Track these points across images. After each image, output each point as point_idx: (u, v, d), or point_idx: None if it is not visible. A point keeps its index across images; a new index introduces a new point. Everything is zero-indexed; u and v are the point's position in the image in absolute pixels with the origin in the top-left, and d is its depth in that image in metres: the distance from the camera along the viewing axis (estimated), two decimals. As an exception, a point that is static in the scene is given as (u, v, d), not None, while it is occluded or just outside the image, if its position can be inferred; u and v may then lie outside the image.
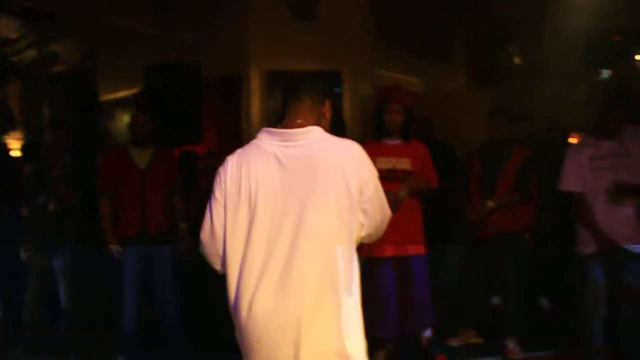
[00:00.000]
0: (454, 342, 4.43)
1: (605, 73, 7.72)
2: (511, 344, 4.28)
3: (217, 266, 2.13)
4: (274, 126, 2.13)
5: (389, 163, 3.96)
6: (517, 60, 7.61)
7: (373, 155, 3.95)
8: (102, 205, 4.47)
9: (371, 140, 4.08)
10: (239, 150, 2.13)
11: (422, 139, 4.19)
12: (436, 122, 5.66)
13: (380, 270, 3.93)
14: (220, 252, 2.07)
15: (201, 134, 5.75)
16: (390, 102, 3.97)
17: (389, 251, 3.92)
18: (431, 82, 7.16)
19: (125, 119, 8.03)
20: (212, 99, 6.09)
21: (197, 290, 5.10)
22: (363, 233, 2.12)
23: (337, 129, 5.41)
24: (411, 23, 6.64)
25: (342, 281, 2.00)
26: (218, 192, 2.08)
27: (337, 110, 6.03)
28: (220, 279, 2.13)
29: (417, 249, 3.97)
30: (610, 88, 6.27)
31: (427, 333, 4.14)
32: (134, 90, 6.74)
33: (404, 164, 3.97)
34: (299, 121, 2.10)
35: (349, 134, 6.08)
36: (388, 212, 2.25)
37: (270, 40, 5.83)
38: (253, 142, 2.12)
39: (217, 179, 2.10)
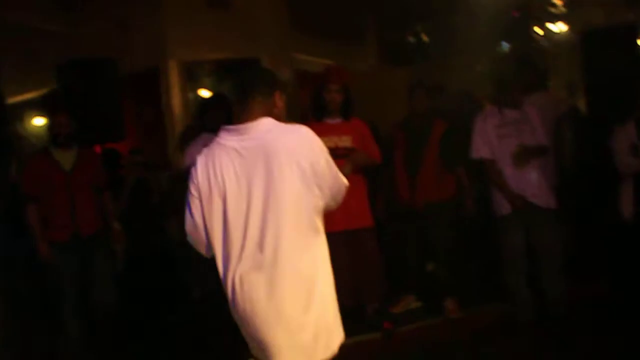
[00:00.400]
0: (396, 309, 4.60)
1: (506, 46, 8.16)
2: (450, 305, 4.52)
3: (204, 252, 2.39)
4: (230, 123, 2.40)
5: (330, 142, 4.07)
6: (425, 37, 7.90)
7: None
8: (30, 211, 4.30)
9: (311, 120, 4.17)
10: (205, 150, 2.43)
11: None
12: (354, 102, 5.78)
13: (331, 244, 4.03)
14: (204, 239, 2.34)
15: (123, 130, 5.61)
16: (330, 83, 4.09)
17: (338, 225, 4.04)
18: (346, 63, 7.29)
19: (35, 120, 7.69)
20: (131, 94, 5.94)
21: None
22: (321, 203, 2.43)
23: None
24: (322, 6, 6.74)
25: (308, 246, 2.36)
26: (193, 188, 2.34)
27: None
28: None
29: (365, 222, 4.12)
30: (510, 60, 6.63)
31: (374, 305, 4.30)
32: (43, 90, 6.47)
33: (345, 141, 4.10)
34: (251, 116, 2.34)
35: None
36: (342, 181, 2.58)
37: (186, 31, 5.76)
38: (215, 141, 2.41)
39: (191, 177, 2.36)
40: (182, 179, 4.49)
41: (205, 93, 6.26)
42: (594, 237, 4.67)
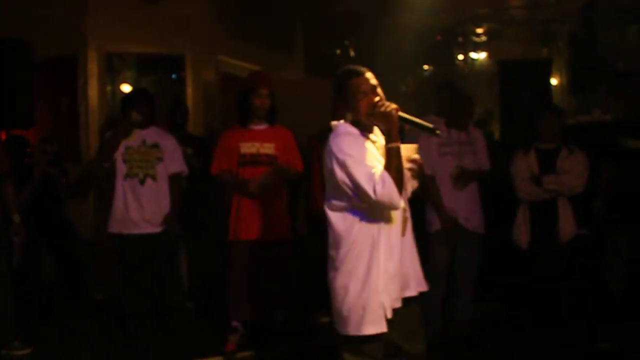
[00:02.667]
0: (308, 325, 4.59)
1: (429, 69, 8.42)
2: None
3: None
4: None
5: (252, 148, 4.03)
6: (352, 52, 8.00)
7: (237, 140, 4.03)
8: None
9: (236, 125, 4.10)
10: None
11: None
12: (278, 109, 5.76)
13: (245, 253, 3.98)
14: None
15: (33, 117, 5.31)
16: (260, 87, 4.03)
17: (254, 235, 3.98)
18: (272, 70, 7.26)
19: None
20: (45, 80, 5.64)
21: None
22: None
23: (179, 114, 5.38)
24: (253, 12, 6.70)
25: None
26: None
27: (179, 96, 5.99)
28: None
29: (282, 233, 4.07)
30: (444, 81, 6.79)
31: (283, 315, 4.27)
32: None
33: (267, 148, 4.05)
34: None
35: (192, 119, 5.99)
36: None
37: (109, 20, 5.53)
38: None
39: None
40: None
41: (126, 87, 6.04)
42: (496, 260, 4.82)
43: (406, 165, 2.50)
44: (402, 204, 2.46)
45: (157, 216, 4.39)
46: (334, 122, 2.61)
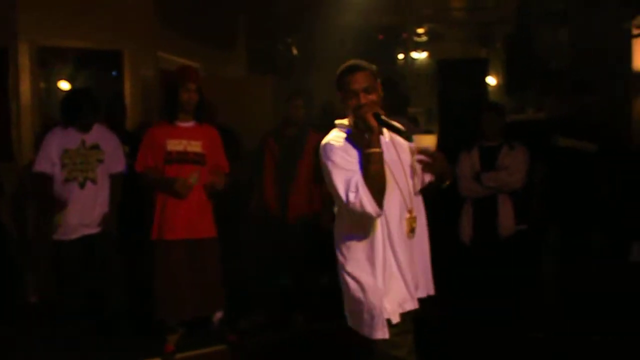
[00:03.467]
0: (244, 324, 4.55)
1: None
2: (298, 318, 4.55)
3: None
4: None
5: (179, 145, 3.94)
6: (294, 51, 8.00)
7: (163, 137, 3.94)
8: None
9: (163, 121, 4.02)
10: None
11: None
12: (218, 108, 5.70)
13: (172, 252, 3.91)
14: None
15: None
16: (188, 81, 3.94)
17: (180, 234, 3.91)
18: (214, 67, 7.20)
19: None
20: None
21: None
22: None
23: (117, 111, 5.26)
24: (194, 8, 6.61)
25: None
26: None
27: (117, 93, 5.85)
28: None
29: (207, 232, 4.01)
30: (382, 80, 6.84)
31: (218, 315, 4.22)
32: None
33: (194, 146, 3.96)
34: None
35: (131, 116, 5.87)
36: None
37: (42, 13, 5.34)
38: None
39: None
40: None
41: (64, 84, 5.86)
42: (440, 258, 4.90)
43: (416, 157, 2.47)
44: (376, 210, 2.35)
45: (97, 219, 4.27)
46: (337, 121, 2.60)
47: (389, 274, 2.45)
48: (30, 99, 5.43)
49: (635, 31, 4.73)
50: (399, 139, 2.56)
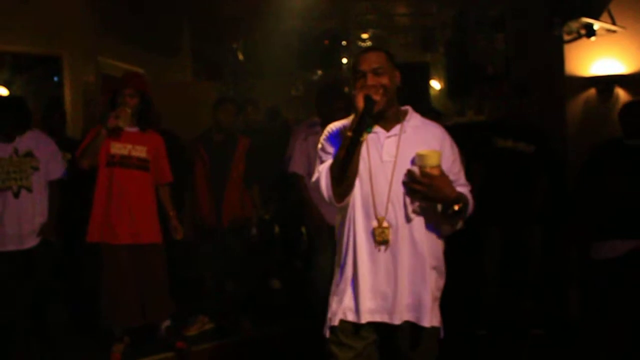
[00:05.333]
0: (191, 331, 4.52)
1: (318, 73, 8.56)
2: (245, 324, 4.55)
3: None
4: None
5: (124, 149, 3.92)
6: (240, 56, 8.00)
7: (108, 140, 3.88)
8: None
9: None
10: None
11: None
12: (162, 114, 5.65)
13: (116, 257, 3.86)
14: None
15: None
16: (126, 87, 3.91)
17: (124, 238, 3.87)
18: (158, 73, 7.12)
19: None
20: None
21: None
22: None
23: (56, 117, 5.13)
24: (136, 13, 6.53)
25: None
26: None
27: (54, 98, 5.71)
28: None
29: (152, 238, 3.98)
30: (324, 84, 6.92)
31: (166, 323, 4.18)
32: None
33: (139, 151, 3.95)
34: None
35: (71, 122, 5.75)
36: None
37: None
38: None
39: None
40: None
41: (1, 90, 5.69)
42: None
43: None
44: (330, 196, 2.23)
45: (35, 229, 4.14)
46: None
47: (345, 277, 2.31)
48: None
49: (565, 37, 4.91)
50: (414, 139, 2.29)
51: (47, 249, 4.20)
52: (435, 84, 9.17)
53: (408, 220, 2.27)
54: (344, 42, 8.12)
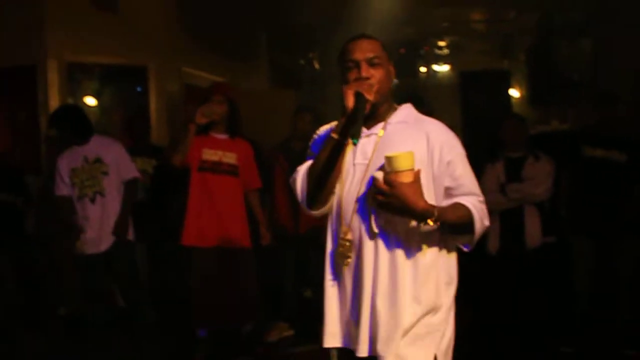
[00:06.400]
0: (271, 337, 4.55)
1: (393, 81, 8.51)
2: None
3: None
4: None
5: (215, 155, 4.02)
6: (316, 65, 8.04)
7: (199, 145, 4.00)
8: None
9: (199, 133, 4.06)
10: None
11: None
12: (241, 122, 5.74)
13: (205, 260, 3.95)
14: None
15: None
16: (213, 94, 4.03)
17: (213, 241, 3.95)
18: (236, 81, 7.26)
19: None
20: (2, 90, 5.52)
21: None
22: None
23: (141, 125, 5.31)
24: (216, 22, 6.69)
25: None
26: None
27: (141, 107, 5.93)
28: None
29: (241, 242, 4.05)
30: (401, 93, 6.85)
31: (247, 327, 4.24)
32: None
33: (229, 157, 4.05)
34: None
35: (156, 130, 5.95)
36: None
37: (70, 30, 5.46)
38: None
39: None
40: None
41: (90, 100, 5.96)
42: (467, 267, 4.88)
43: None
44: (302, 200, 2.00)
45: (109, 231, 4.28)
46: None
47: (325, 288, 2.01)
48: (58, 114, 5.50)
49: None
50: (397, 138, 1.93)
51: (123, 248, 4.32)
52: (514, 92, 8.94)
53: (371, 236, 1.88)
54: (422, 51, 8.02)
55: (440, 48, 8.40)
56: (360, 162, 1.94)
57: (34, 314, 5.06)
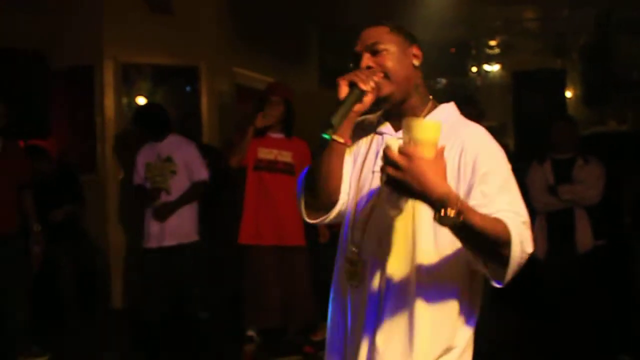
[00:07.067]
0: (317, 337, 4.55)
1: (443, 82, 8.43)
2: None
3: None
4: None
5: (270, 154, 4.07)
6: (365, 65, 8.03)
7: (254, 145, 4.05)
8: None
9: (256, 135, 4.10)
10: None
11: None
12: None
13: (261, 259, 3.99)
14: None
15: (48, 127, 5.38)
16: (271, 94, 4.07)
17: (270, 240, 3.99)
18: (286, 82, 7.30)
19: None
20: (62, 91, 5.70)
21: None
22: None
23: (192, 125, 5.39)
24: (267, 22, 6.75)
25: None
26: None
27: (193, 107, 6.02)
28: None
29: (297, 240, 4.08)
30: (457, 92, 6.80)
31: (296, 326, 4.25)
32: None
33: (285, 156, 4.09)
34: None
35: (207, 130, 6.03)
36: None
37: (125, 32, 5.59)
38: None
39: None
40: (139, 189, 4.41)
41: (141, 100, 6.09)
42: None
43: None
44: (301, 212, 1.70)
45: (176, 229, 4.34)
46: None
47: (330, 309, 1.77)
48: (114, 114, 5.66)
49: None
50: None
51: (187, 248, 4.37)
52: (567, 91, 8.75)
53: (382, 258, 1.57)
54: (473, 51, 7.93)
55: (492, 47, 8.29)
56: (379, 170, 1.43)
57: (89, 306, 5.21)
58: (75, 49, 5.59)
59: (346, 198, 1.68)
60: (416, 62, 1.65)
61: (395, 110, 1.64)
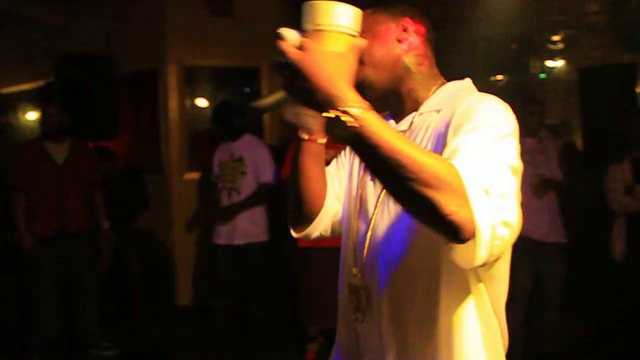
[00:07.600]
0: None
1: (505, 78, 8.24)
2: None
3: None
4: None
5: (327, 155, 4.04)
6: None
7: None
8: (16, 201, 4.22)
9: None
10: None
11: None
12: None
13: (319, 259, 3.99)
14: None
15: (116, 129, 5.55)
16: None
17: (328, 241, 3.97)
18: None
19: (30, 112, 7.57)
20: (127, 94, 5.87)
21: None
22: None
23: (254, 125, 5.44)
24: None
25: None
26: None
27: (251, 108, 6.08)
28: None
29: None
30: (518, 89, 6.64)
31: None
32: (39, 83, 6.38)
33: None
34: None
35: (268, 130, 6.09)
36: None
37: (187, 35, 5.70)
38: None
39: None
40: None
41: (201, 101, 6.20)
42: (585, 274, 4.64)
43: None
44: (291, 226, 1.56)
45: (244, 228, 4.41)
46: None
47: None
48: (177, 115, 5.78)
49: None
50: (428, 131, 1.32)
51: (254, 248, 4.43)
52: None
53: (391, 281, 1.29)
54: (535, 47, 7.72)
55: (554, 43, 8.06)
56: None
57: (156, 303, 5.34)
58: (139, 54, 5.75)
59: (338, 208, 1.49)
60: (407, 37, 1.36)
61: (394, 101, 1.39)
